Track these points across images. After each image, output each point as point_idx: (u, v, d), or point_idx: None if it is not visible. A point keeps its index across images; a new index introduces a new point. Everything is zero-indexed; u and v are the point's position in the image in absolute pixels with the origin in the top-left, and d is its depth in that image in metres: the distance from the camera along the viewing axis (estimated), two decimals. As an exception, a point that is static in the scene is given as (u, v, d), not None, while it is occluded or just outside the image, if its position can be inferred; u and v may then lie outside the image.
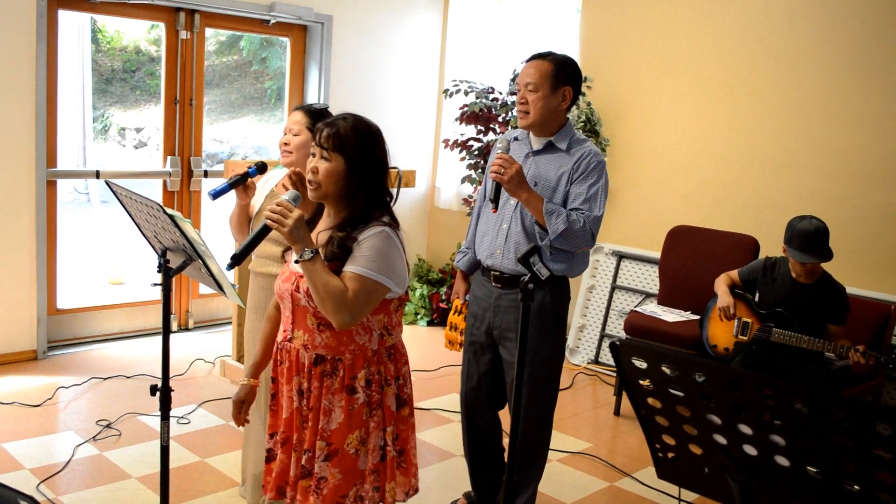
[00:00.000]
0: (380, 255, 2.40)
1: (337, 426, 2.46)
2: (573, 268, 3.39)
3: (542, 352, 3.37)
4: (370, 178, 2.47)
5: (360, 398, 2.47)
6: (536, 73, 3.28)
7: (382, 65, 6.97)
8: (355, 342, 2.47)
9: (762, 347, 4.20)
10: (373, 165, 2.48)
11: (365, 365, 2.48)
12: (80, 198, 11.90)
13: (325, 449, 2.46)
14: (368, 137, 2.48)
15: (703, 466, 1.76)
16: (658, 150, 6.04)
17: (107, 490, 3.76)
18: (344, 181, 2.45)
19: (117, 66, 12.01)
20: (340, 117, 2.50)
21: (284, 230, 2.35)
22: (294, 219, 2.35)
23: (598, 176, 3.28)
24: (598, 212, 3.26)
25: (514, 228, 3.36)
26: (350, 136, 2.44)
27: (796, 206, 5.13)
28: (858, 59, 5.10)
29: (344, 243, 2.41)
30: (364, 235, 2.42)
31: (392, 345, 2.57)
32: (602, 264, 6.23)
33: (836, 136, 5.20)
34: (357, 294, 2.36)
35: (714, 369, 1.58)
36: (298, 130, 3.37)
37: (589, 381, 5.78)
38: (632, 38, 6.14)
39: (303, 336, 2.50)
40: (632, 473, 4.30)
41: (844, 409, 1.46)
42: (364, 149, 2.46)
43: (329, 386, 2.47)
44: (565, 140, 3.35)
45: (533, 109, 3.28)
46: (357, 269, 2.39)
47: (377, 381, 2.50)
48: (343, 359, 2.47)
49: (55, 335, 5.64)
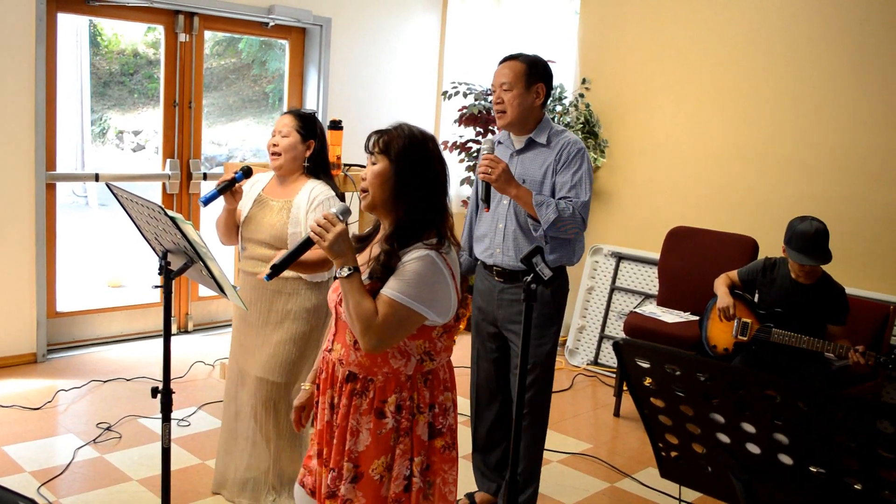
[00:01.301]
0: (419, 280, 2.31)
1: (364, 449, 2.39)
2: (570, 255, 3.50)
3: (544, 346, 3.51)
4: (417, 183, 2.38)
5: (389, 423, 2.38)
6: (510, 73, 3.44)
7: (381, 67, 6.97)
8: (389, 365, 2.38)
9: (762, 348, 4.20)
10: (420, 171, 2.39)
11: (397, 390, 2.38)
12: (78, 201, 11.89)
13: (353, 471, 2.40)
14: (416, 141, 2.40)
15: (707, 465, 1.77)
16: (657, 151, 6.04)
17: (107, 493, 3.76)
18: (390, 184, 2.37)
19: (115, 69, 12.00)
20: (395, 125, 2.44)
21: (325, 244, 2.28)
22: (335, 233, 2.28)
23: (581, 162, 3.41)
24: (584, 197, 3.38)
25: (510, 226, 3.49)
26: (397, 139, 2.38)
27: (795, 206, 5.14)
28: (857, 58, 5.11)
29: (388, 261, 2.33)
30: (408, 257, 2.33)
31: (431, 370, 2.44)
32: (601, 265, 6.23)
33: (835, 136, 5.21)
34: (386, 319, 2.28)
35: (717, 368, 1.59)
36: (287, 132, 3.42)
37: (589, 382, 5.78)
38: (630, 40, 6.15)
39: (340, 350, 2.44)
40: (632, 474, 4.30)
41: (846, 407, 1.47)
42: (410, 151, 2.38)
43: (357, 405, 2.39)
44: (544, 134, 3.47)
45: (510, 108, 3.42)
46: (391, 293, 2.30)
47: (408, 407, 2.40)
48: (375, 380, 2.38)
49: (55, 338, 5.63)
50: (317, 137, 3.48)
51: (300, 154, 3.44)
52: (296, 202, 3.39)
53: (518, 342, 3.43)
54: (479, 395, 3.75)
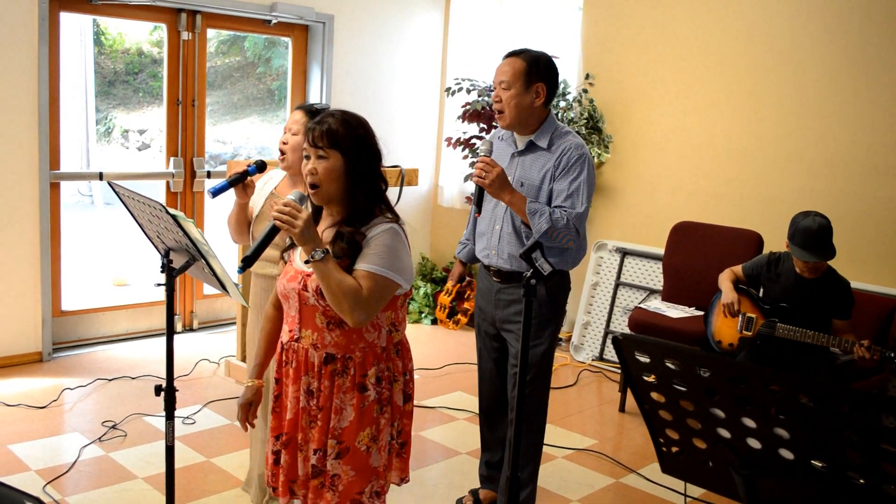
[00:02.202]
0: (389, 251, 2.40)
1: (348, 424, 2.46)
2: (566, 261, 3.43)
3: (540, 343, 3.46)
4: (368, 170, 2.48)
5: (371, 395, 2.47)
6: (510, 71, 3.32)
7: (384, 64, 6.97)
8: (365, 340, 2.47)
9: (767, 343, 4.19)
10: (369, 157, 2.48)
11: (375, 362, 2.48)
12: (83, 200, 11.92)
13: (337, 447, 2.46)
14: (360, 129, 2.48)
15: (708, 461, 1.76)
16: (661, 147, 6.03)
17: (113, 491, 3.77)
18: (344, 177, 2.44)
19: (120, 68, 12.02)
20: (328, 114, 2.48)
21: (295, 231, 2.31)
22: (304, 219, 2.31)
23: (580, 170, 3.28)
24: (580, 208, 3.26)
25: (505, 229, 3.42)
26: (343, 131, 2.43)
27: (799, 200, 5.13)
28: (859, 53, 5.09)
29: (353, 240, 2.40)
30: (373, 233, 2.42)
31: (399, 341, 2.58)
32: (606, 261, 6.22)
33: (839, 130, 5.19)
34: (371, 291, 2.36)
35: (717, 362, 1.58)
36: (297, 130, 3.31)
37: (594, 377, 5.78)
38: (633, 35, 6.13)
39: (311, 335, 2.48)
40: (637, 470, 4.29)
41: (850, 401, 1.46)
42: (358, 141, 2.46)
43: (340, 385, 2.46)
44: (546, 137, 3.36)
45: (507, 108, 3.32)
46: (369, 266, 2.38)
47: (387, 377, 2.51)
48: (353, 357, 2.46)
49: (60, 337, 5.65)
50: None
51: None
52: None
53: (515, 342, 3.45)
54: (483, 394, 3.75)
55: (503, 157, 3.47)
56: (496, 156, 3.46)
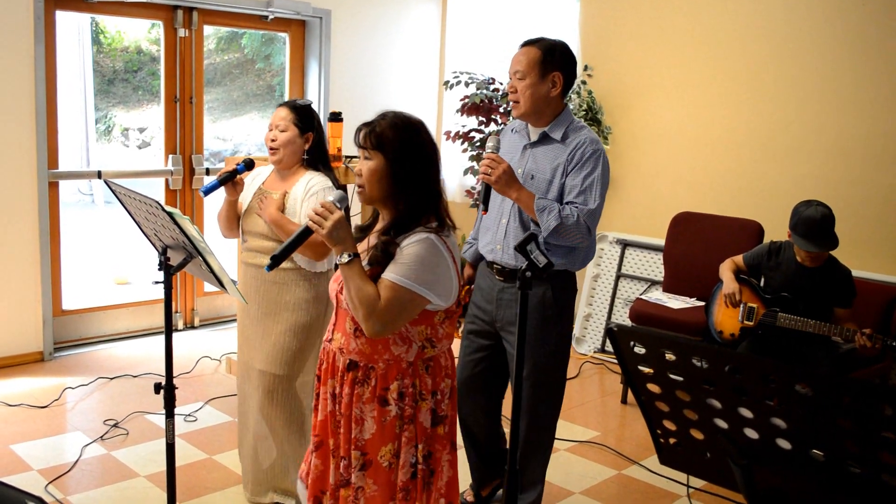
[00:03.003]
0: (420, 263, 2.30)
1: (370, 437, 2.40)
2: (574, 261, 3.32)
3: (545, 346, 3.34)
4: (414, 174, 2.38)
5: (393, 411, 2.38)
6: (525, 61, 3.23)
7: (382, 58, 6.95)
8: (390, 352, 2.38)
9: (768, 332, 4.18)
10: (416, 161, 2.39)
11: (398, 377, 2.38)
12: (84, 199, 11.92)
13: (361, 459, 2.41)
14: (408, 132, 2.40)
15: (706, 451, 1.75)
16: (660, 137, 6.01)
17: (115, 489, 3.77)
18: (387, 180, 2.36)
19: (119, 66, 12.01)
20: (380, 115, 2.43)
21: (323, 231, 2.28)
22: (333, 221, 2.28)
23: (594, 166, 3.18)
24: (592, 204, 3.16)
25: (512, 224, 3.32)
26: (388, 132, 2.37)
27: (800, 189, 5.11)
28: (859, 41, 5.07)
29: (387, 248, 2.34)
30: (407, 242, 2.33)
31: (432, 357, 2.44)
32: (606, 253, 6.21)
33: (839, 118, 5.17)
34: (389, 303, 2.28)
35: (712, 353, 1.57)
36: (285, 126, 3.38)
37: (596, 370, 5.77)
38: (631, 26, 6.11)
39: (341, 339, 2.44)
40: (640, 461, 4.29)
41: (850, 391, 1.45)
42: (404, 144, 2.37)
43: (360, 394, 2.40)
44: (561, 129, 3.27)
45: (522, 98, 3.22)
46: (393, 277, 2.30)
47: (410, 394, 2.40)
48: (376, 367, 2.39)
49: (61, 336, 5.65)
50: (314, 129, 3.44)
51: (299, 148, 3.42)
52: (292, 193, 3.38)
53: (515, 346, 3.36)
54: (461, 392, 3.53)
55: (515, 148, 3.37)
56: (509, 148, 3.40)
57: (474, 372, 3.53)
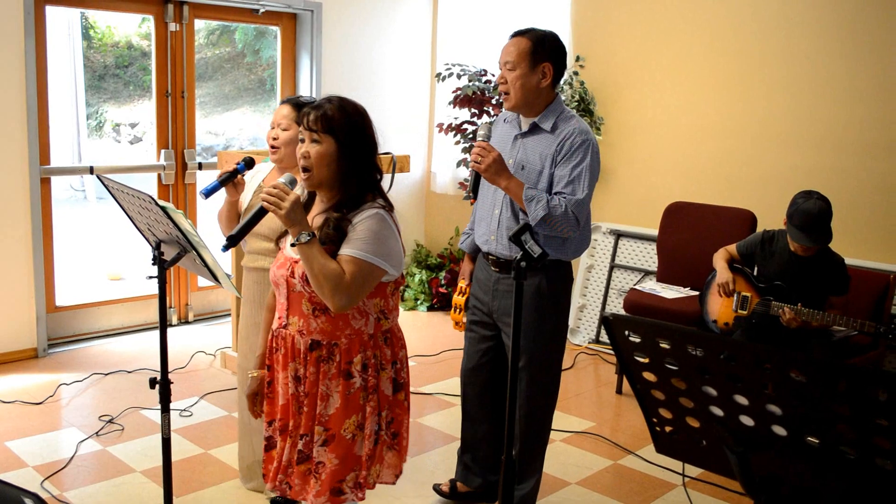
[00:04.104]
0: (375, 237, 2.39)
1: (334, 411, 2.46)
2: (567, 251, 3.32)
3: (541, 337, 3.34)
4: (362, 157, 2.47)
5: (357, 383, 2.47)
6: (514, 51, 3.23)
7: (374, 50, 6.94)
8: (351, 327, 2.46)
9: (762, 321, 4.19)
10: (363, 145, 2.48)
11: (361, 349, 2.47)
12: (76, 195, 11.88)
13: (323, 434, 2.47)
14: (356, 116, 2.48)
15: (702, 439, 1.76)
16: (653, 128, 6.01)
17: (111, 484, 3.77)
18: (336, 163, 2.44)
19: (110, 61, 11.95)
20: (325, 100, 2.49)
21: (281, 212, 2.33)
22: (291, 201, 2.33)
23: (583, 156, 3.18)
24: (581, 194, 3.15)
25: (504, 214, 3.32)
26: (338, 117, 2.43)
27: (792, 178, 5.12)
28: (852, 29, 5.07)
29: (339, 225, 2.40)
30: (358, 218, 2.42)
31: (388, 329, 2.56)
32: (600, 243, 6.22)
33: (831, 107, 5.17)
34: (354, 277, 2.35)
35: (707, 340, 1.57)
36: (287, 125, 3.33)
37: (590, 360, 5.78)
38: (623, 16, 6.10)
39: (298, 322, 2.49)
40: (635, 451, 4.30)
41: (845, 376, 1.45)
42: (353, 128, 2.45)
43: (326, 371, 2.46)
44: (551, 119, 3.26)
45: (513, 89, 3.22)
46: (353, 251, 2.38)
47: (373, 365, 2.50)
48: (339, 343, 2.46)
49: (55, 332, 5.63)
50: None
51: None
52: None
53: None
54: (465, 383, 3.62)
55: (507, 139, 3.37)
56: (500, 138, 3.40)
57: (480, 362, 3.55)
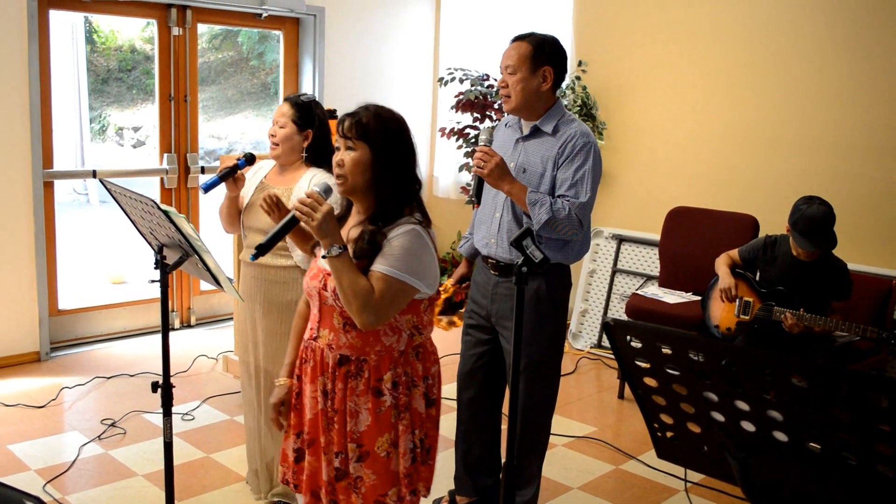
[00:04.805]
0: (409, 254, 2.32)
1: (366, 428, 2.40)
2: (568, 255, 3.33)
3: (540, 341, 3.34)
4: (397, 166, 2.40)
5: (387, 401, 2.40)
6: (515, 55, 3.24)
7: (376, 55, 6.95)
8: (382, 343, 2.40)
9: (764, 326, 4.18)
10: (399, 152, 2.41)
11: (391, 367, 2.40)
12: (79, 198, 11.89)
13: (357, 451, 2.41)
14: (392, 123, 2.42)
15: (703, 445, 1.75)
16: (655, 132, 6.02)
17: (113, 488, 3.77)
18: (371, 171, 2.37)
19: (113, 65, 11.97)
20: (362, 107, 2.43)
21: (313, 224, 2.25)
22: (323, 212, 2.26)
23: (585, 158, 3.19)
24: (584, 197, 3.16)
25: (505, 217, 3.33)
26: (373, 124, 2.38)
27: (795, 183, 5.12)
28: (855, 34, 5.07)
29: (374, 239, 2.33)
30: (394, 233, 2.34)
31: (420, 344, 2.49)
32: (602, 248, 6.22)
33: (834, 112, 5.17)
34: (383, 295, 2.29)
35: (708, 346, 1.57)
36: (284, 123, 3.37)
37: (592, 365, 5.78)
38: (626, 20, 6.11)
39: (328, 335, 2.43)
40: (637, 456, 4.30)
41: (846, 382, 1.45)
42: (389, 135, 2.39)
43: (353, 388, 2.40)
44: (552, 123, 3.28)
45: (513, 93, 3.24)
46: (385, 268, 2.31)
47: (404, 382, 2.43)
48: (368, 360, 2.40)
49: (57, 336, 5.64)
50: (314, 126, 3.42)
51: (297, 144, 3.40)
52: (296, 190, 3.35)
53: (510, 342, 3.33)
54: (461, 387, 3.62)
55: (508, 142, 3.38)
56: (502, 142, 3.41)
57: (475, 366, 3.55)
